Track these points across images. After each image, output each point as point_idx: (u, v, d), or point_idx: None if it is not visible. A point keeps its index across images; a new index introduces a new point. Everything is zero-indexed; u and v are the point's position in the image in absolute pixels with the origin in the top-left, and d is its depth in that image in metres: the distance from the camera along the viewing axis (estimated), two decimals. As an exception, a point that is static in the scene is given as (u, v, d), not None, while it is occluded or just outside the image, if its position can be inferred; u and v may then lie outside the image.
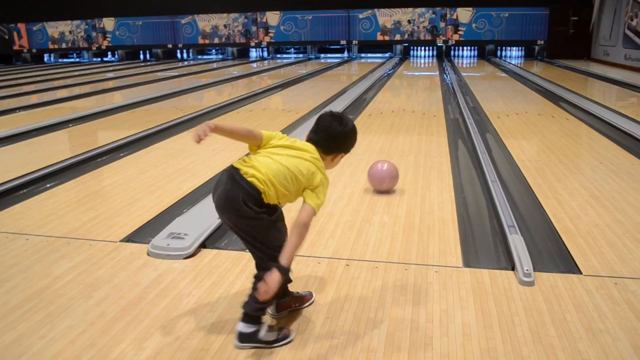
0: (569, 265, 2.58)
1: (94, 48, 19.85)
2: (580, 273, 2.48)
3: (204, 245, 2.83)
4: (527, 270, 2.41)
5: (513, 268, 2.51)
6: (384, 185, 3.69)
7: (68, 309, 2.25)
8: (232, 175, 1.90)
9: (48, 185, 4.08)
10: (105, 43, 19.67)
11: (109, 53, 20.28)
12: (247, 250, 2.05)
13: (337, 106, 7.26)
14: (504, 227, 2.93)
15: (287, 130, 5.84)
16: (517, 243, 2.67)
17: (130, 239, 3.00)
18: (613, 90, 9.45)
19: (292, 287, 2.19)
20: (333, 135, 2.05)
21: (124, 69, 15.44)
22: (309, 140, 2.08)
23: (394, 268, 2.56)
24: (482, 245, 2.85)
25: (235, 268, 2.56)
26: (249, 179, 1.87)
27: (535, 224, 3.12)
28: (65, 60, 20.65)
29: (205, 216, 3.09)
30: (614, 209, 3.32)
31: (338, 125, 2.07)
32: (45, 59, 20.81)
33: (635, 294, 2.29)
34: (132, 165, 4.57)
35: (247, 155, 2.02)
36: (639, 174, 4.06)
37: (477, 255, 2.70)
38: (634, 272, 2.49)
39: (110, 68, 16.09)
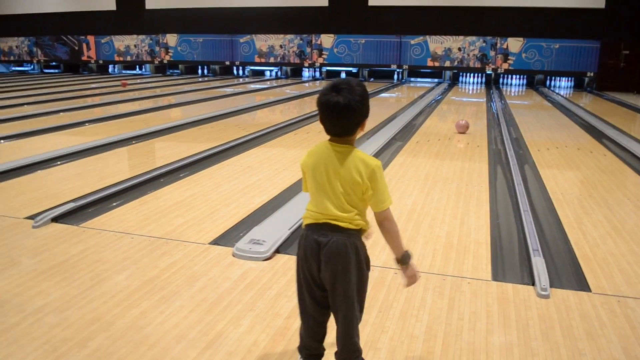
0: (581, 284, 3.09)
1: (156, 62, 21.03)
2: (590, 291, 2.99)
3: (278, 250, 3.45)
4: (544, 286, 2.94)
5: (533, 284, 3.03)
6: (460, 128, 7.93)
7: (177, 293, 2.90)
8: (328, 230, 1.84)
9: (138, 193, 4.78)
10: (167, 57, 20.82)
11: (170, 67, 21.43)
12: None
13: (387, 132, 7.85)
14: (530, 250, 3.45)
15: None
16: (538, 264, 3.20)
17: (217, 242, 3.64)
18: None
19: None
20: (344, 111, 1.78)
21: (185, 84, 16.42)
22: (331, 137, 1.90)
23: (434, 278, 3.12)
24: (509, 264, 3.38)
25: (304, 270, 3.16)
26: (343, 224, 1.83)
27: (557, 249, 3.63)
28: (128, 71, 21.91)
29: (279, 227, 3.73)
30: (630, 240, 3.79)
31: (338, 96, 1.77)
32: (110, 70, 22.16)
33: (634, 310, 2.78)
34: (208, 180, 5.26)
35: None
36: (661, 211, 4.50)
37: (504, 272, 3.24)
38: (637, 293, 2.98)
39: (172, 82, 17.09)
